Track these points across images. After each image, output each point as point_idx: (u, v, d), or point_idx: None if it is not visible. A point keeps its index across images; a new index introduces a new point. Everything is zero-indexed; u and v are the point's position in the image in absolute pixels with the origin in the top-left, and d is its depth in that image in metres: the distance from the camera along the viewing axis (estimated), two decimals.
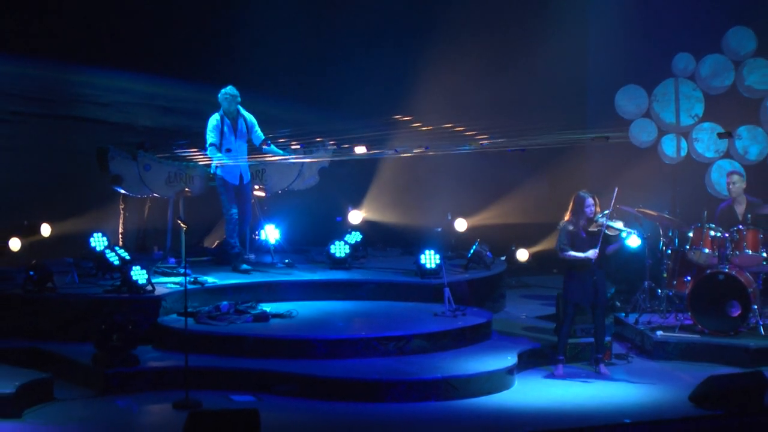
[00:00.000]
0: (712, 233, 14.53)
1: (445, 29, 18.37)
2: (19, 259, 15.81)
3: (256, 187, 16.50)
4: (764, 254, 14.52)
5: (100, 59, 17.60)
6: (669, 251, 15.08)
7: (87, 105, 18.12)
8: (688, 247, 14.70)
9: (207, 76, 16.89)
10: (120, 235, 16.49)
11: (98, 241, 15.79)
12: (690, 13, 17.24)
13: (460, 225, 17.90)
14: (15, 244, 16.14)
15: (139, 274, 14.10)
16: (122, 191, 16.31)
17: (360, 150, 16.44)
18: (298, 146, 16.51)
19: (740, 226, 14.54)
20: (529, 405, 12.32)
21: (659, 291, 15.17)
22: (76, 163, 17.36)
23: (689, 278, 14.79)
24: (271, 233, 16.54)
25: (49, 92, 17.92)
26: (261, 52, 18.18)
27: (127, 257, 15.15)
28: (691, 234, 14.69)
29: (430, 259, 15.55)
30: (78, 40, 17.48)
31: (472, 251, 16.42)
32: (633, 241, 14.31)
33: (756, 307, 14.32)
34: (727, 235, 14.47)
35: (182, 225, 13.17)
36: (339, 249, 16.22)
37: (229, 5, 18.22)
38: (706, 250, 14.52)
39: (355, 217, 18.01)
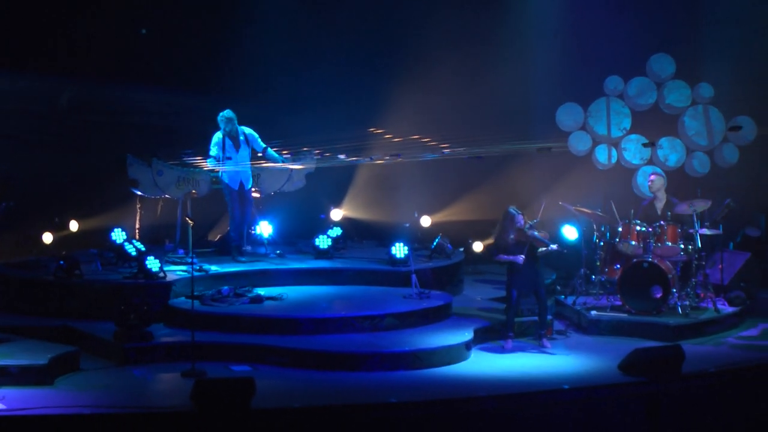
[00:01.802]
0: (638, 228, 14.55)
1: (412, 55, 18.19)
2: (50, 250, 15.75)
3: (253, 189, 16.36)
4: (681, 246, 14.55)
5: (152, 79, 17.68)
6: (602, 243, 15.05)
7: (140, 114, 18.12)
8: (617, 239, 14.69)
9: (220, 90, 17.08)
10: (137, 230, 16.42)
11: (118, 235, 15.73)
12: (619, 42, 17.19)
13: (425, 221, 17.80)
14: (47, 237, 16.06)
15: (152, 263, 14.09)
16: (138, 193, 16.29)
17: (341, 157, 16.50)
18: (288, 154, 16.46)
19: (662, 222, 14.54)
20: (483, 373, 12.32)
21: (593, 277, 15.14)
22: (100, 168, 17.20)
23: (619, 266, 14.79)
24: (265, 228, 16.39)
25: (110, 104, 17.91)
26: (257, 70, 18.00)
27: (143, 249, 15.11)
28: (620, 229, 14.68)
29: (399, 250, 15.54)
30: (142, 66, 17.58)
31: (435, 243, 16.42)
32: (570, 234, 14.37)
33: (675, 290, 14.35)
34: (650, 229, 14.48)
35: (189, 221, 13.22)
36: (323, 241, 16.15)
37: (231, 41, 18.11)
38: (633, 243, 14.53)
39: (336, 214, 17.94)
